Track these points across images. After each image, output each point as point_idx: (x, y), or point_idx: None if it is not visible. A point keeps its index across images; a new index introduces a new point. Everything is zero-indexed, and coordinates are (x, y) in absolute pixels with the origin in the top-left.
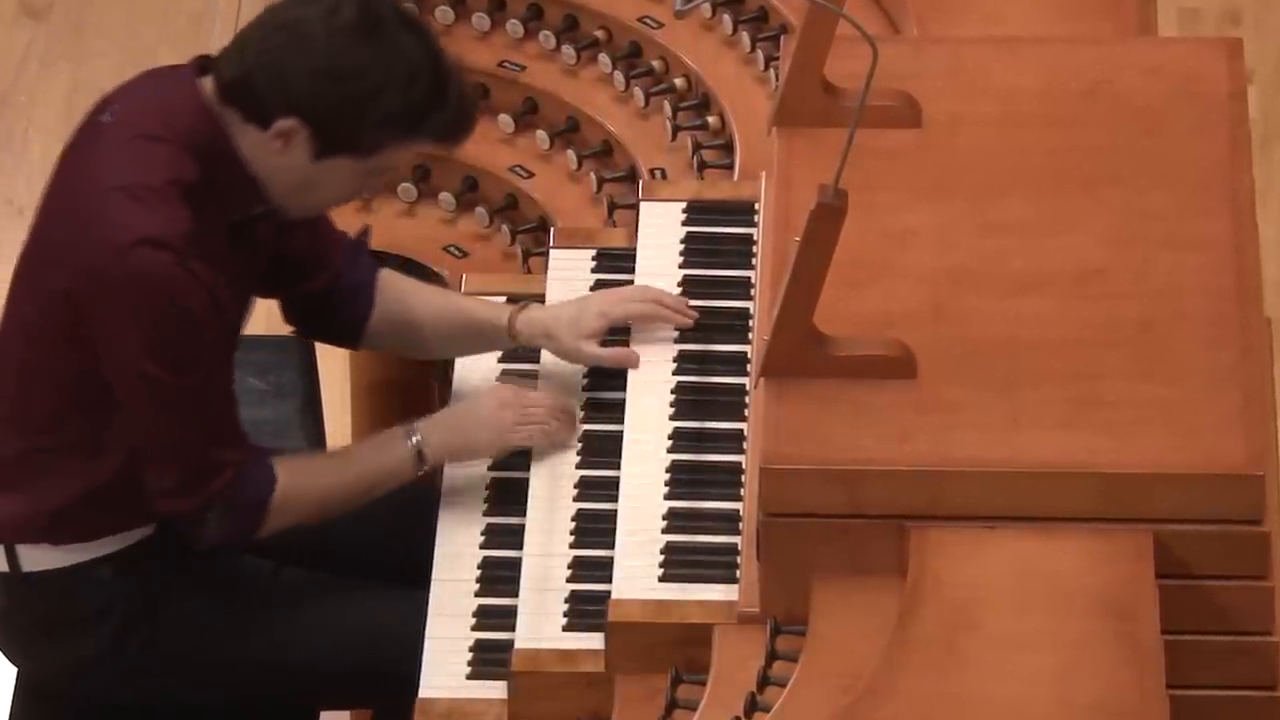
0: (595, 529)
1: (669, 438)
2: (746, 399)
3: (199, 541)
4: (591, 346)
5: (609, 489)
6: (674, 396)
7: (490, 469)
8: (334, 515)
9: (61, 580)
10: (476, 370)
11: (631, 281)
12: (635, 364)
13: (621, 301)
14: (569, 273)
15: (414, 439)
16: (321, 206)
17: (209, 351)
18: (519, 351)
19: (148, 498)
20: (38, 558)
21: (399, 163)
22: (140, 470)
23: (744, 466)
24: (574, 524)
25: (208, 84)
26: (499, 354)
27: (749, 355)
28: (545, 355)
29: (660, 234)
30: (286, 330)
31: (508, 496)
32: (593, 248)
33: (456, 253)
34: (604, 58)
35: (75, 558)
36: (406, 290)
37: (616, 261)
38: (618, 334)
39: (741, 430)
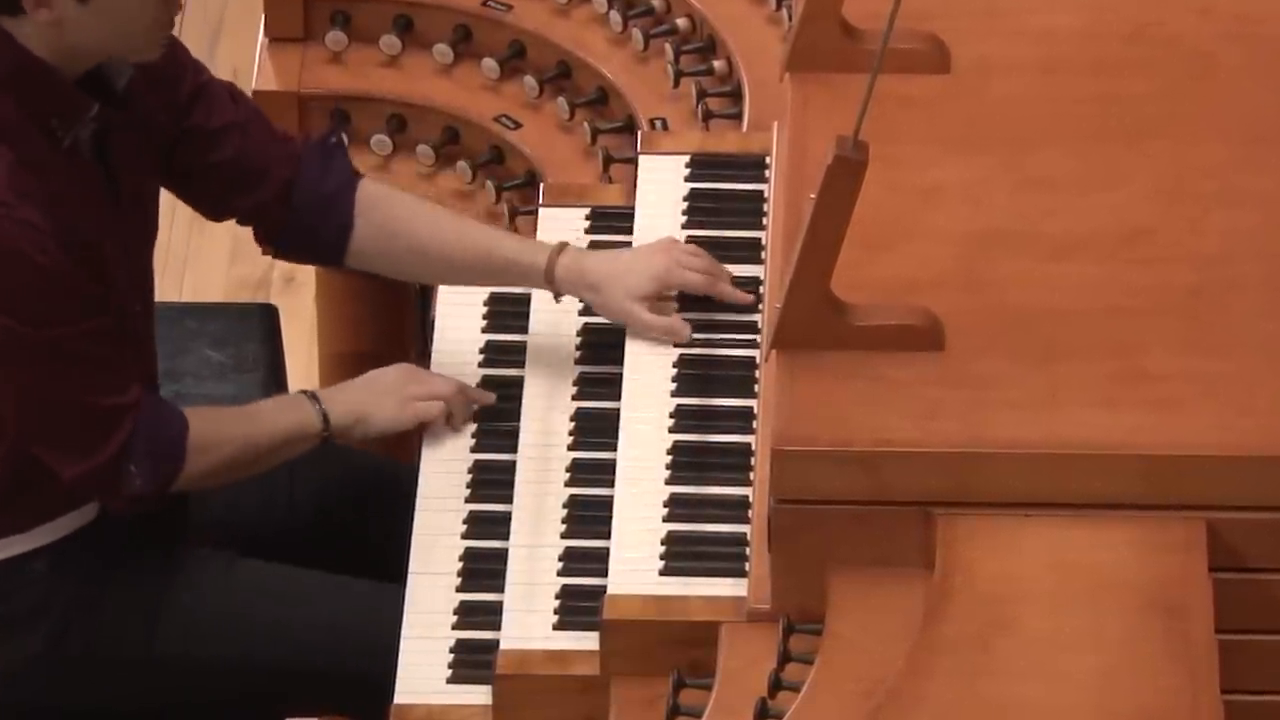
0: (589, 517)
1: (670, 416)
2: (756, 373)
3: (121, 501)
4: (642, 311)
5: (604, 473)
6: (676, 370)
7: (474, 450)
8: (243, 475)
9: None
10: (460, 342)
11: (630, 243)
12: (686, 338)
13: (680, 269)
14: (560, 233)
15: (318, 403)
16: (146, 32)
17: (70, 299)
18: (506, 321)
19: (58, 479)
20: None
21: None
22: (38, 449)
23: (753, 448)
24: (565, 511)
25: None
26: (483, 324)
27: (759, 325)
28: (533, 325)
29: (661, 191)
30: (244, 298)
31: (492, 480)
32: (586, 205)
33: None
34: None
35: (6, 551)
36: (407, 208)
37: (612, 221)
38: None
39: (751, 408)
